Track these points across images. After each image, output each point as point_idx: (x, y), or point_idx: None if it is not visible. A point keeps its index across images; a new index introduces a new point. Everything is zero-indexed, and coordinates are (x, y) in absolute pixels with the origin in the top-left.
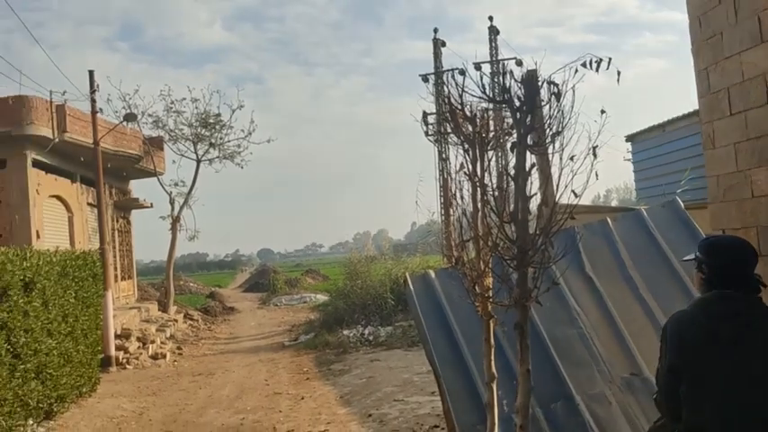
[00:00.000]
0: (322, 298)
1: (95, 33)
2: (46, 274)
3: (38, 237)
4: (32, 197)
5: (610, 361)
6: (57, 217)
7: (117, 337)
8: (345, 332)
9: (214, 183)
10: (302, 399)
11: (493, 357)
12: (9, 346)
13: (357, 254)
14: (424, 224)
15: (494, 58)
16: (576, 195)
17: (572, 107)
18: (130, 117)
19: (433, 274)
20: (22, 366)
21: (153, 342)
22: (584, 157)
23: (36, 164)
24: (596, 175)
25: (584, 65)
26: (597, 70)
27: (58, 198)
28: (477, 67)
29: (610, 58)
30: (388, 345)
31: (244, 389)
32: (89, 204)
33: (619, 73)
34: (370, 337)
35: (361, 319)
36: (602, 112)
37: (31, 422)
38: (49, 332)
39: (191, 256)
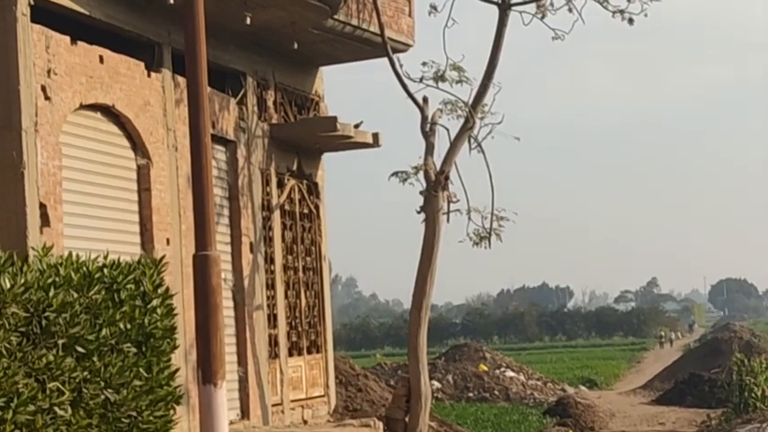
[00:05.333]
0: None
1: None
2: None
3: (45, 221)
4: (30, 106)
5: None
6: (99, 166)
7: None
8: None
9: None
10: None
11: None
12: None
13: None
14: None
15: None
16: None
17: None
18: None
19: None
20: None
21: None
22: None
23: (41, 12)
24: None
25: None
26: None
27: (107, 111)
28: None
29: None
30: None
31: None
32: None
33: None
34: None
35: None
36: None
37: None
38: None
39: (534, 292)
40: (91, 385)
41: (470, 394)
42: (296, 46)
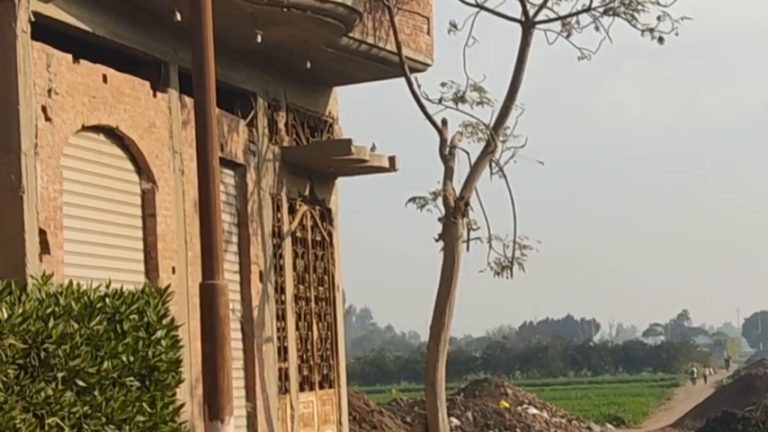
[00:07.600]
0: None
1: None
2: None
3: (45, 248)
4: (29, 128)
5: None
6: (102, 190)
7: None
8: None
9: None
10: None
11: None
12: None
13: None
14: None
15: None
16: None
17: None
18: None
19: None
20: None
21: None
22: None
23: (42, 30)
24: None
25: None
26: None
27: (110, 133)
28: None
29: None
30: None
31: None
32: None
33: None
34: None
35: None
36: None
37: None
38: None
39: (559, 325)
40: (92, 421)
41: None
42: (309, 65)
